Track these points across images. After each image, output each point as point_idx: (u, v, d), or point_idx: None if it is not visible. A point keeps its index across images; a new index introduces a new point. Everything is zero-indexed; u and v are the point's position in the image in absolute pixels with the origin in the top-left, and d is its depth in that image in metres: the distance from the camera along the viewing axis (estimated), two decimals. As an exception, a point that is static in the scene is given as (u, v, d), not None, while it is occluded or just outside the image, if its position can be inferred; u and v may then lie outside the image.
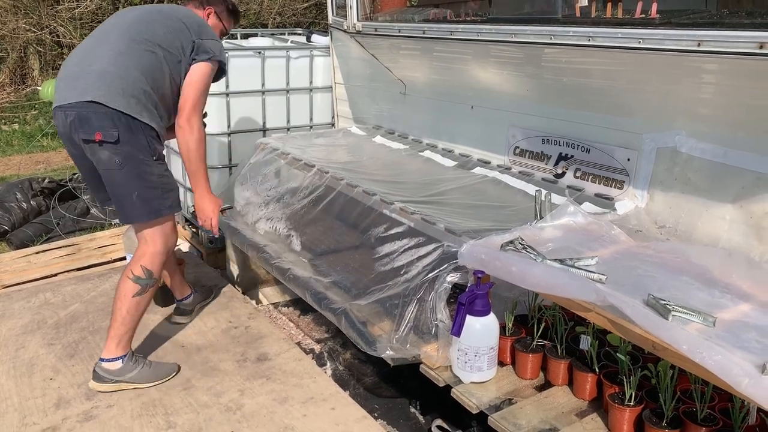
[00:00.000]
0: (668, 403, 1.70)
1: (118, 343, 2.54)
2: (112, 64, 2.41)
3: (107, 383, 2.55)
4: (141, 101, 2.41)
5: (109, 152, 2.40)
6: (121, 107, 2.37)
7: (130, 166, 2.43)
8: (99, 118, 2.36)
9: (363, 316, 2.45)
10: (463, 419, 2.30)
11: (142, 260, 2.53)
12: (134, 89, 2.40)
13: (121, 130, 2.38)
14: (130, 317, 2.54)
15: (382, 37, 3.24)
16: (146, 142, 2.44)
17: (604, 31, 2.09)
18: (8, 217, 4.71)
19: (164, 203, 2.52)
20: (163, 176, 2.53)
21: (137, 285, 2.51)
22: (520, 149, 2.86)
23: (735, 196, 2.05)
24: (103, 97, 2.36)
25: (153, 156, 2.47)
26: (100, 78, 2.39)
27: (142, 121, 2.41)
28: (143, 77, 2.43)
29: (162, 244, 2.55)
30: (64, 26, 11.75)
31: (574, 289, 1.72)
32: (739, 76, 1.90)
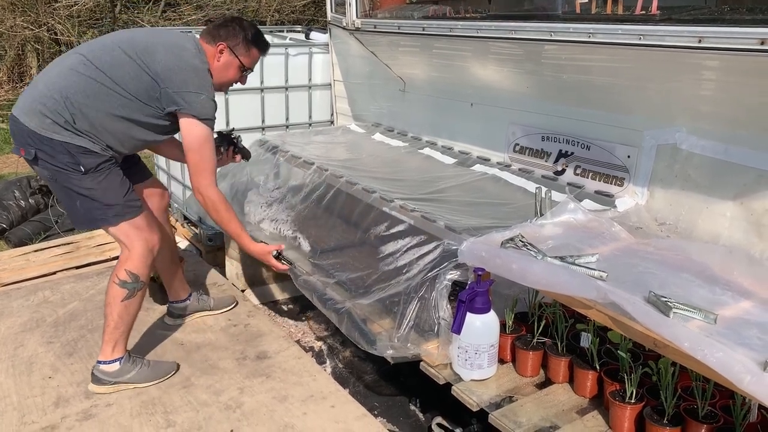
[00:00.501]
0: (669, 401, 1.70)
1: (114, 346, 2.53)
2: (45, 83, 2.37)
3: (106, 385, 2.54)
4: (58, 123, 2.31)
5: (39, 167, 2.39)
6: (35, 128, 2.31)
7: (61, 179, 2.38)
8: (21, 135, 2.35)
9: (364, 315, 2.45)
10: (463, 417, 2.30)
11: (126, 264, 2.48)
12: (54, 112, 2.31)
13: (39, 150, 2.33)
14: (122, 321, 2.51)
15: (381, 34, 3.23)
16: (70, 159, 2.33)
17: (604, 27, 2.08)
18: (6, 215, 4.71)
19: (108, 213, 2.43)
20: (96, 189, 2.39)
21: (124, 289, 2.48)
22: (520, 146, 2.85)
23: (736, 193, 2.04)
24: (23, 114, 2.34)
25: (83, 171, 2.35)
26: (30, 96, 2.37)
27: (60, 141, 2.31)
28: (73, 103, 2.32)
29: (141, 246, 2.48)
30: (62, 24, 11.71)
31: (575, 287, 1.72)
32: (740, 73, 1.89)
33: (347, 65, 3.99)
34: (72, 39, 11.62)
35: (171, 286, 3.04)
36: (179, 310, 3.06)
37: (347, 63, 3.97)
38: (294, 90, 4.08)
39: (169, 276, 3.00)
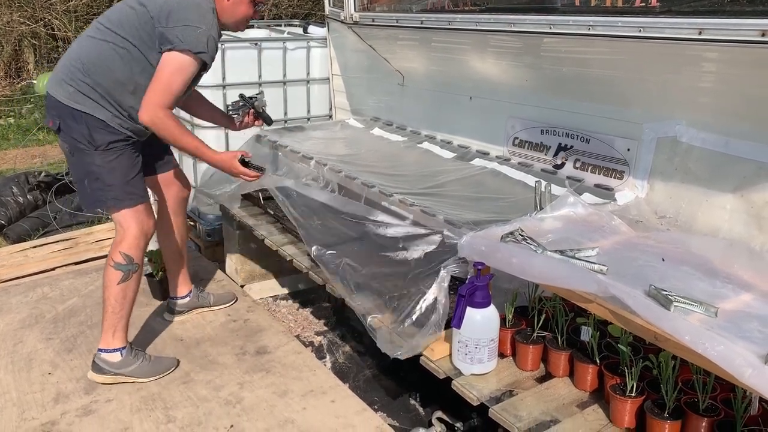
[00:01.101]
0: (670, 394, 1.70)
1: (113, 332, 2.54)
2: (66, 56, 2.47)
3: (106, 374, 2.55)
4: (81, 90, 2.39)
5: (60, 139, 2.50)
6: (61, 97, 2.40)
7: (77, 155, 2.47)
8: (50, 107, 2.46)
9: (363, 309, 2.44)
10: (463, 411, 2.30)
11: (120, 246, 2.51)
12: (73, 80, 2.39)
13: (63, 120, 2.42)
14: (119, 305, 2.53)
15: (379, 27, 3.21)
16: (87, 132, 2.41)
17: (603, 19, 2.07)
18: (5, 211, 4.69)
19: (107, 195, 2.47)
20: (103, 168, 2.45)
21: (119, 271, 2.50)
22: (519, 140, 2.85)
23: (736, 185, 2.04)
24: (52, 88, 2.44)
25: (94, 146, 2.42)
26: (55, 71, 2.48)
27: (82, 111, 2.39)
28: (88, 69, 2.39)
29: (136, 228, 2.52)
30: (59, 19, 11.66)
31: (575, 280, 1.72)
32: (740, 65, 1.88)
33: (345, 59, 3.97)
34: (69, 34, 11.58)
35: (174, 280, 3.04)
36: (179, 306, 3.05)
37: (345, 57, 3.96)
38: (292, 84, 4.06)
39: (174, 270, 3.00)
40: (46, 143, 7.84)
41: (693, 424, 1.66)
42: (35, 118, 8.95)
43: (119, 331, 2.55)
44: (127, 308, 2.56)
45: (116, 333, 2.55)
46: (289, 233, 3.17)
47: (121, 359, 2.56)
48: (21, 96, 10.50)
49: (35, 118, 9.00)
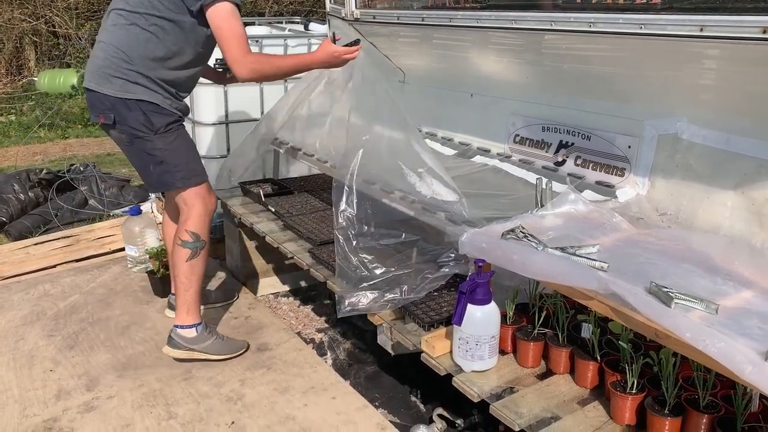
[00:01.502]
0: (670, 391, 1.70)
1: (187, 310, 2.64)
2: (102, 49, 2.51)
3: (181, 350, 2.65)
4: (130, 80, 2.46)
5: (116, 132, 2.55)
6: (111, 92, 2.46)
7: (137, 143, 2.53)
8: (98, 102, 2.51)
9: (364, 305, 2.45)
10: (464, 408, 2.30)
11: (186, 225, 2.62)
12: (120, 70, 2.46)
13: (116, 112, 2.48)
14: (189, 282, 2.63)
15: (380, 24, 3.21)
16: (143, 118, 2.49)
17: (605, 16, 2.06)
18: (6, 208, 4.70)
19: (175, 176, 2.58)
20: (168, 150, 2.55)
21: (187, 249, 2.60)
22: (520, 137, 2.84)
23: (737, 182, 2.03)
24: (95, 84, 2.50)
25: (153, 131, 2.51)
26: (95, 66, 2.54)
27: (135, 99, 2.46)
28: (130, 57, 2.46)
29: (201, 206, 2.62)
30: (60, 16, 11.66)
31: (576, 277, 1.71)
32: (741, 62, 1.88)
33: (346, 56, 3.96)
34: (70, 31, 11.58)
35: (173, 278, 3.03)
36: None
37: (346, 54, 3.94)
38: (293, 82, 4.05)
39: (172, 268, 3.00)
40: (47, 140, 7.85)
41: (693, 420, 1.66)
42: (36, 116, 8.95)
43: (193, 308, 2.65)
44: (197, 284, 2.66)
45: (190, 310, 2.65)
46: (289, 230, 3.18)
47: (196, 335, 2.65)
48: (22, 93, 10.50)
49: (36, 115, 9.01)
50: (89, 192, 5.07)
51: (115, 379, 2.59)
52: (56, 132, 8.24)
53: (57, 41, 11.96)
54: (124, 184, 5.31)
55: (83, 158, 6.75)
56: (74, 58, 11.84)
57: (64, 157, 6.92)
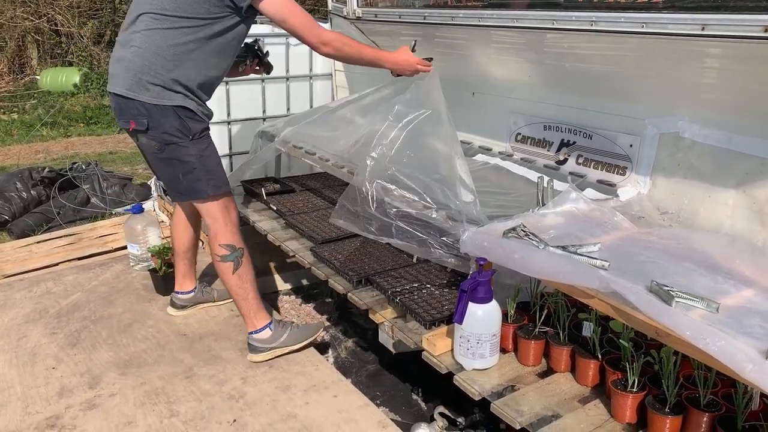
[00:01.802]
0: (671, 389, 1.70)
1: (254, 315, 2.66)
2: (137, 54, 2.41)
3: (263, 353, 2.67)
4: (168, 87, 2.41)
5: (147, 138, 2.49)
6: (146, 98, 2.40)
7: (169, 150, 2.48)
8: (130, 108, 2.43)
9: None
10: (465, 406, 2.31)
11: (217, 239, 2.60)
12: (158, 77, 2.39)
13: (150, 118, 2.42)
14: (244, 291, 2.62)
15: (382, 23, 3.21)
16: (179, 123, 2.44)
17: (607, 15, 2.07)
18: (8, 206, 4.71)
19: (207, 184, 2.55)
20: (202, 156, 2.52)
21: (228, 263, 2.59)
22: (521, 136, 2.85)
23: (738, 181, 2.03)
24: (127, 90, 2.42)
25: (189, 136, 2.47)
26: (125, 69, 2.43)
27: (171, 106, 2.42)
28: (169, 60, 2.39)
29: (223, 217, 2.61)
30: (62, 14, 11.67)
31: (577, 276, 1.72)
32: (743, 61, 1.88)
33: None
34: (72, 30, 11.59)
35: (183, 274, 3.05)
36: (183, 301, 3.07)
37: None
38: (295, 80, 4.06)
39: (185, 264, 3.03)
40: (49, 139, 7.86)
41: (694, 419, 1.67)
42: (38, 114, 8.97)
43: (258, 312, 2.67)
44: (252, 290, 2.65)
45: (256, 314, 2.66)
46: (291, 229, 3.18)
47: (270, 334, 2.68)
48: (24, 92, 10.52)
49: (38, 113, 9.02)
50: (91, 190, 5.08)
51: (117, 377, 2.60)
52: (58, 130, 8.25)
53: (59, 40, 11.98)
54: (126, 183, 5.32)
55: (85, 156, 6.77)
56: (76, 57, 11.86)
57: (66, 155, 6.93)
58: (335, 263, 2.70)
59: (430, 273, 2.58)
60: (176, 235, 2.98)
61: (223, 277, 2.63)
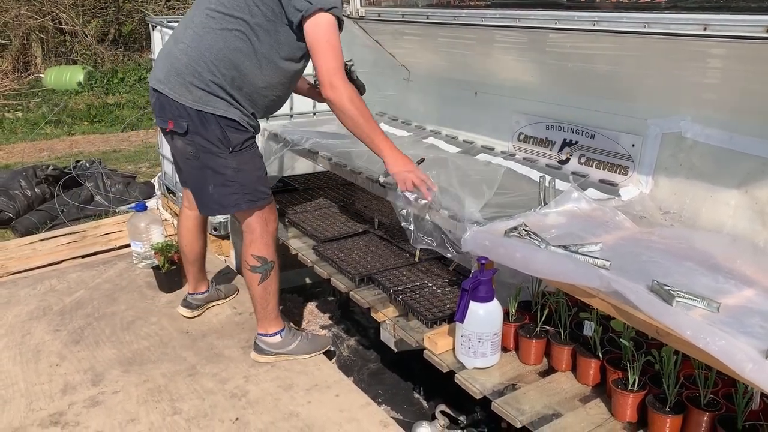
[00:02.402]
0: (671, 389, 1.71)
1: (269, 321, 2.65)
2: (184, 51, 2.31)
3: (267, 355, 2.68)
4: (212, 92, 2.29)
5: (183, 142, 2.38)
6: (188, 101, 2.29)
7: (205, 158, 2.37)
8: (171, 108, 2.33)
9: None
10: (466, 405, 2.31)
11: (250, 249, 2.55)
12: (204, 80, 2.28)
13: (191, 122, 2.31)
14: (265, 300, 2.61)
15: (385, 22, 3.21)
16: (220, 133, 2.32)
17: (609, 15, 2.06)
18: (13, 204, 4.73)
19: (242, 198, 2.44)
20: (240, 171, 2.39)
21: (257, 274, 2.56)
22: (524, 135, 2.85)
23: (740, 181, 2.03)
24: (171, 90, 2.31)
25: (229, 148, 2.35)
26: (172, 67, 2.32)
27: (213, 114, 2.30)
28: (216, 66, 2.28)
29: (261, 229, 2.54)
30: (67, 13, 11.70)
31: (578, 275, 1.72)
32: (745, 61, 1.88)
33: (351, 54, 3.94)
34: (76, 28, 11.62)
35: (196, 278, 3.03)
36: (198, 301, 3.08)
37: (351, 52, 3.93)
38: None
39: (197, 268, 3.01)
40: (53, 137, 7.89)
41: (694, 418, 1.67)
42: (43, 112, 8.99)
43: (274, 319, 2.66)
44: (273, 300, 2.64)
45: (272, 321, 2.66)
46: (294, 227, 3.19)
47: (280, 340, 2.68)
48: (29, 90, 10.55)
49: (43, 112, 9.05)
50: (95, 188, 5.10)
51: (120, 374, 2.61)
52: (62, 129, 8.27)
53: (63, 38, 12.01)
54: (130, 181, 5.34)
55: (89, 155, 6.79)
56: (80, 55, 11.89)
57: (70, 153, 6.95)
58: (337, 262, 2.71)
59: (432, 272, 2.59)
60: (187, 243, 2.91)
61: (249, 284, 2.60)
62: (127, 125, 8.40)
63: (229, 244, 3.79)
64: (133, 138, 7.82)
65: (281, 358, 2.68)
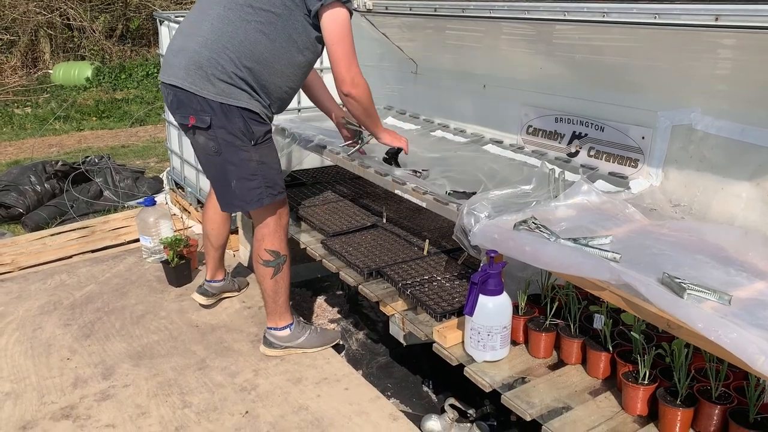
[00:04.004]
0: (682, 382, 1.70)
1: (279, 315, 2.67)
2: (203, 45, 2.29)
3: (276, 348, 2.70)
4: (235, 85, 2.30)
5: (204, 137, 2.36)
6: (211, 95, 2.29)
7: (227, 152, 2.36)
8: (192, 103, 2.31)
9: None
10: (475, 398, 2.31)
11: (263, 243, 2.56)
12: (225, 73, 2.28)
13: (214, 116, 2.30)
14: (276, 294, 2.62)
15: (393, 15, 3.20)
16: (243, 125, 2.33)
17: (618, 6, 2.05)
18: (23, 200, 4.76)
19: (264, 192, 2.45)
20: (263, 163, 2.41)
21: (270, 268, 2.57)
22: (533, 128, 2.83)
23: (752, 173, 2.02)
24: (192, 84, 2.30)
25: (252, 141, 2.36)
26: (192, 61, 2.30)
27: (237, 106, 2.31)
28: (239, 56, 2.28)
29: (274, 223, 2.56)
30: (74, 9, 11.74)
31: (588, 268, 1.71)
32: (757, 52, 1.86)
33: (359, 47, 3.91)
34: (84, 24, 11.64)
35: (215, 265, 3.08)
36: (215, 289, 3.11)
37: (359, 45, 3.90)
38: (306, 73, 4.05)
39: (218, 255, 3.05)
40: (62, 133, 7.92)
41: (706, 411, 1.67)
42: (52, 108, 9.03)
43: (284, 313, 2.68)
44: (284, 294, 2.65)
45: (282, 315, 2.67)
46: (303, 221, 3.19)
47: (289, 333, 2.70)
48: (37, 86, 10.60)
49: (52, 107, 9.09)
50: (104, 183, 5.12)
51: (130, 368, 2.63)
52: (71, 124, 8.30)
53: (71, 34, 12.04)
54: (139, 176, 5.36)
55: (98, 150, 6.81)
56: (88, 51, 11.92)
57: (79, 149, 6.98)
58: (346, 256, 2.71)
59: (441, 265, 2.58)
60: (213, 229, 2.94)
61: (261, 278, 2.61)
62: (136, 120, 8.43)
63: (237, 239, 3.80)
64: (142, 133, 7.84)
65: (290, 352, 2.69)
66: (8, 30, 11.37)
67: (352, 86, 2.37)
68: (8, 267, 3.63)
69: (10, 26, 11.34)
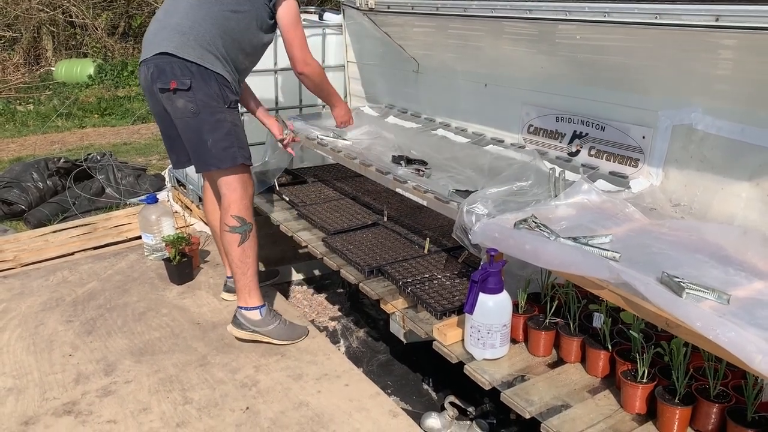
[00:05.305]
0: (681, 380, 1.71)
1: (249, 292, 2.70)
2: (184, 17, 2.53)
3: (245, 330, 2.71)
4: (211, 52, 2.53)
5: (184, 100, 2.53)
6: (192, 57, 2.49)
7: (205, 113, 2.54)
8: (173, 67, 2.50)
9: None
10: (475, 396, 2.32)
11: (230, 210, 2.64)
12: (204, 41, 2.51)
13: (194, 78, 2.49)
14: (245, 265, 2.67)
15: (394, 14, 3.21)
16: (218, 89, 2.54)
17: (620, 6, 2.06)
18: (25, 196, 4.77)
19: (239, 152, 2.61)
20: (236, 125, 2.62)
21: (236, 234, 2.64)
22: (534, 127, 2.84)
23: (751, 173, 2.02)
24: (175, 48, 2.49)
25: (225, 104, 2.57)
26: (174, 31, 2.52)
27: (213, 71, 2.52)
28: (214, 29, 2.53)
29: (242, 190, 2.66)
30: (77, 6, 11.74)
31: (588, 267, 1.72)
32: (757, 52, 1.86)
33: (361, 46, 3.97)
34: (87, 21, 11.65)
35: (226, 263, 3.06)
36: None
37: (361, 44, 3.96)
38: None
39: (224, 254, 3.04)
40: (64, 130, 7.94)
41: (704, 410, 1.67)
42: (54, 105, 9.05)
43: (253, 290, 2.71)
44: (253, 266, 2.70)
45: (251, 292, 2.71)
46: (303, 219, 3.20)
47: (260, 318, 2.72)
48: (40, 83, 10.61)
49: (54, 104, 9.10)
50: (106, 181, 5.13)
51: (132, 365, 2.64)
52: (73, 121, 8.32)
53: (74, 31, 12.06)
54: (141, 173, 5.37)
55: (100, 147, 6.83)
56: (91, 48, 11.93)
57: (81, 146, 6.99)
58: (347, 254, 2.72)
59: (441, 264, 2.59)
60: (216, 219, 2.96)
61: (228, 247, 2.68)
62: (138, 118, 8.44)
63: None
64: (143, 131, 7.85)
65: (257, 337, 2.71)
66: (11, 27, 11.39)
67: (305, 65, 2.75)
68: (10, 263, 3.64)
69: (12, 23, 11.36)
